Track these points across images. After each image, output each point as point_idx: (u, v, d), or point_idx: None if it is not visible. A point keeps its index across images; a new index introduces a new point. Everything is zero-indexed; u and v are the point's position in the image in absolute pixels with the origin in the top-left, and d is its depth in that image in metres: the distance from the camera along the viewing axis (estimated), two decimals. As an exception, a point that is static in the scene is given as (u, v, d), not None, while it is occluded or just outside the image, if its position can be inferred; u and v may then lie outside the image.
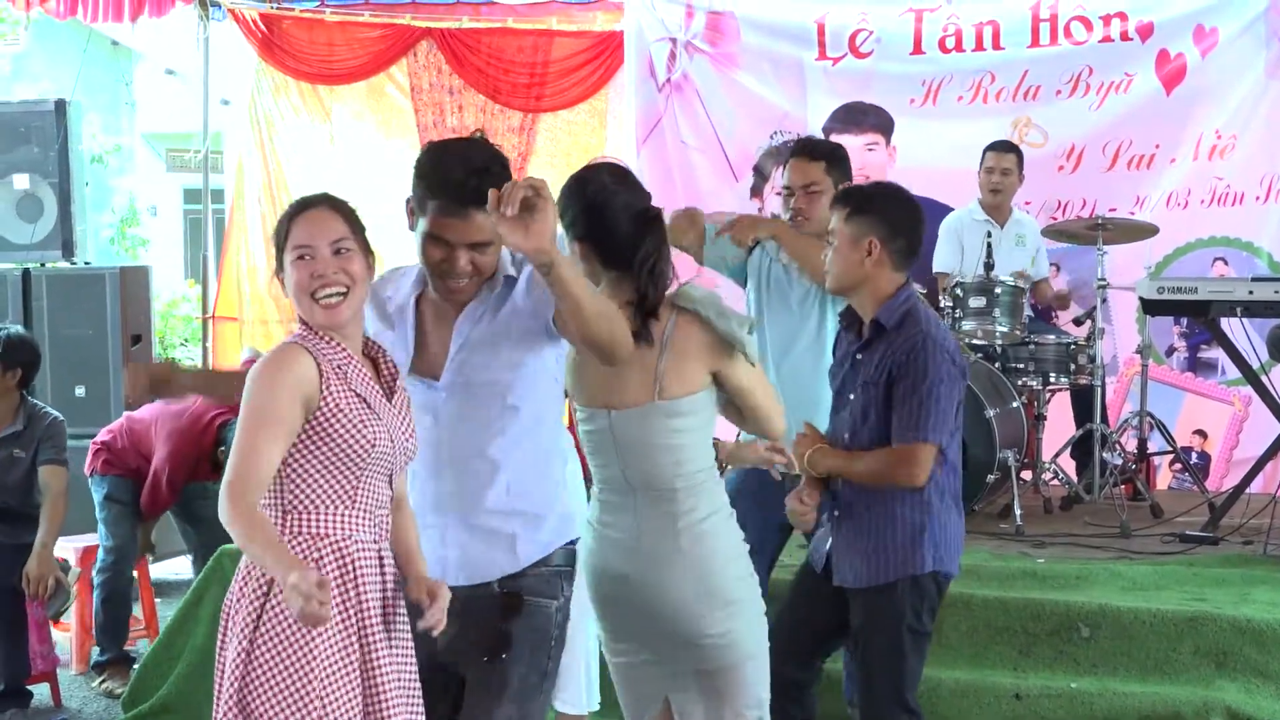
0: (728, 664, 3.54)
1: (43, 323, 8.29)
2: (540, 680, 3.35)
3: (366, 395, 3.13)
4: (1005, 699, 5.13)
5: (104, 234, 16.33)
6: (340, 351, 3.14)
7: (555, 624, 3.38)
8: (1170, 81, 8.55)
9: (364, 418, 3.09)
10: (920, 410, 3.95)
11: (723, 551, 3.55)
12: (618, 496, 3.54)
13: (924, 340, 4.01)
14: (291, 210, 3.21)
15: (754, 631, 3.59)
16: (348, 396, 3.09)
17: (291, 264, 3.14)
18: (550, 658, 3.37)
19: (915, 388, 3.95)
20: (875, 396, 4.03)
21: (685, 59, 9.46)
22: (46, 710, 6.28)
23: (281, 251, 3.16)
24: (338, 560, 3.07)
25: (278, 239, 3.18)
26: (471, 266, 3.24)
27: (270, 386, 3.04)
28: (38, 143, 8.60)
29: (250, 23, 10.05)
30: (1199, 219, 8.51)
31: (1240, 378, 7.15)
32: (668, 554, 3.48)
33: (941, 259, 7.89)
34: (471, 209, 3.15)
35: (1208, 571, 5.80)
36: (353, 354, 3.17)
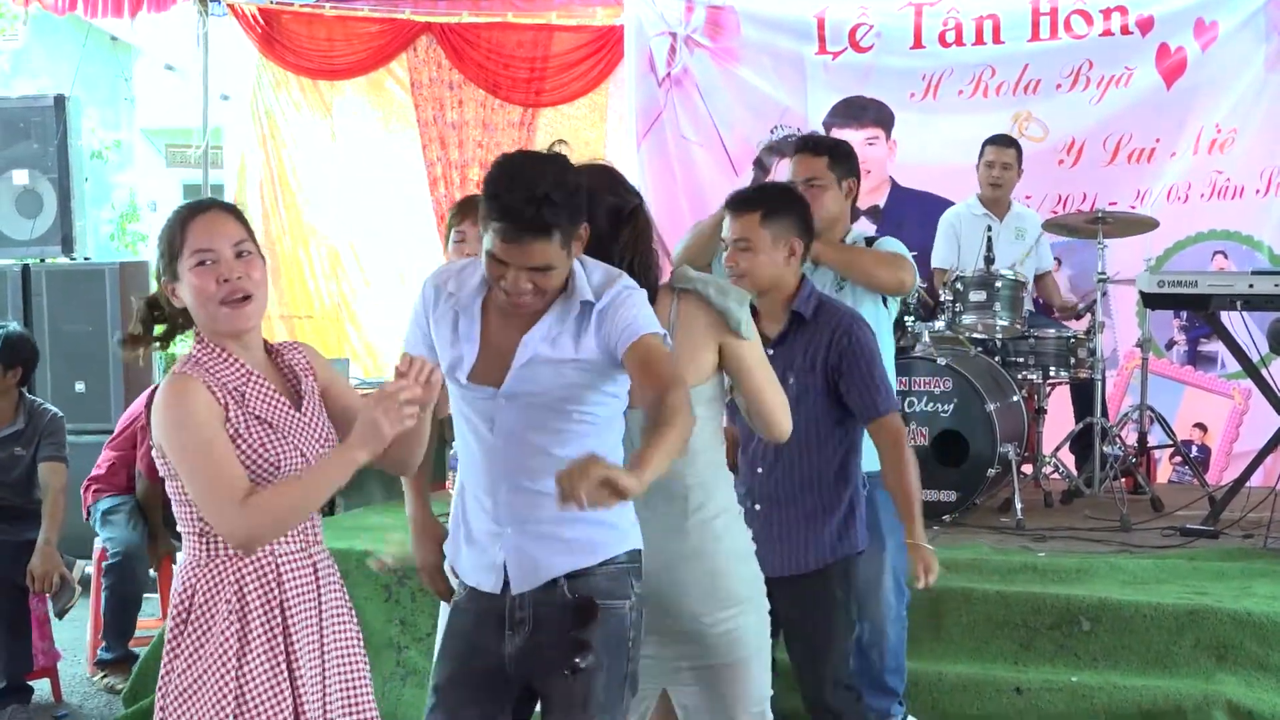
0: (731, 661, 3.54)
1: (42, 319, 8.30)
2: (622, 685, 3.23)
3: (267, 415, 3.02)
4: (1006, 693, 5.14)
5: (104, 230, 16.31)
6: (236, 369, 3.03)
7: (631, 624, 3.24)
8: (1170, 75, 8.54)
9: (264, 441, 2.99)
10: (884, 383, 4.19)
11: (732, 551, 3.56)
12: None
13: (855, 321, 4.20)
14: (183, 214, 3.08)
15: (758, 630, 3.59)
16: (247, 422, 2.98)
17: (191, 270, 3.01)
18: (630, 659, 3.24)
19: (871, 365, 4.14)
20: (813, 384, 4.14)
21: (685, 53, 9.45)
22: (47, 706, 6.28)
23: (175, 259, 3.03)
24: (259, 577, 3.00)
25: (170, 246, 3.04)
26: (532, 286, 3.11)
27: (185, 419, 2.93)
28: (37, 138, 8.61)
29: (249, 18, 10.03)
30: (1199, 213, 8.50)
31: (1240, 371, 7.15)
32: (677, 551, 3.46)
33: (939, 255, 7.89)
34: (528, 238, 3.05)
35: (1208, 565, 5.80)
36: (251, 368, 3.05)
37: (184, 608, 2.99)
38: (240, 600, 2.97)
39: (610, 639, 3.19)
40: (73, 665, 6.78)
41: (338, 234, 10.40)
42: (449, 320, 3.28)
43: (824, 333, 4.14)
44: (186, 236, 3.02)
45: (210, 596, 2.97)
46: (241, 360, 3.04)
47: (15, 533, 6.22)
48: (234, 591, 2.97)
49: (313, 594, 3.09)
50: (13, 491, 6.32)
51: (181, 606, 2.99)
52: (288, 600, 3.02)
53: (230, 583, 2.98)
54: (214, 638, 2.95)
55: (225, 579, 2.98)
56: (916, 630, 5.23)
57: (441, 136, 10.19)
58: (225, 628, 2.95)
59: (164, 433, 2.95)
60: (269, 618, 2.99)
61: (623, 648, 3.22)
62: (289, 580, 3.04)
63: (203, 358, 3.02)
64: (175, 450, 2.94)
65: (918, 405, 6.57)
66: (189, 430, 2.92)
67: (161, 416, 2.96)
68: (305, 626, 3.06)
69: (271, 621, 2.99)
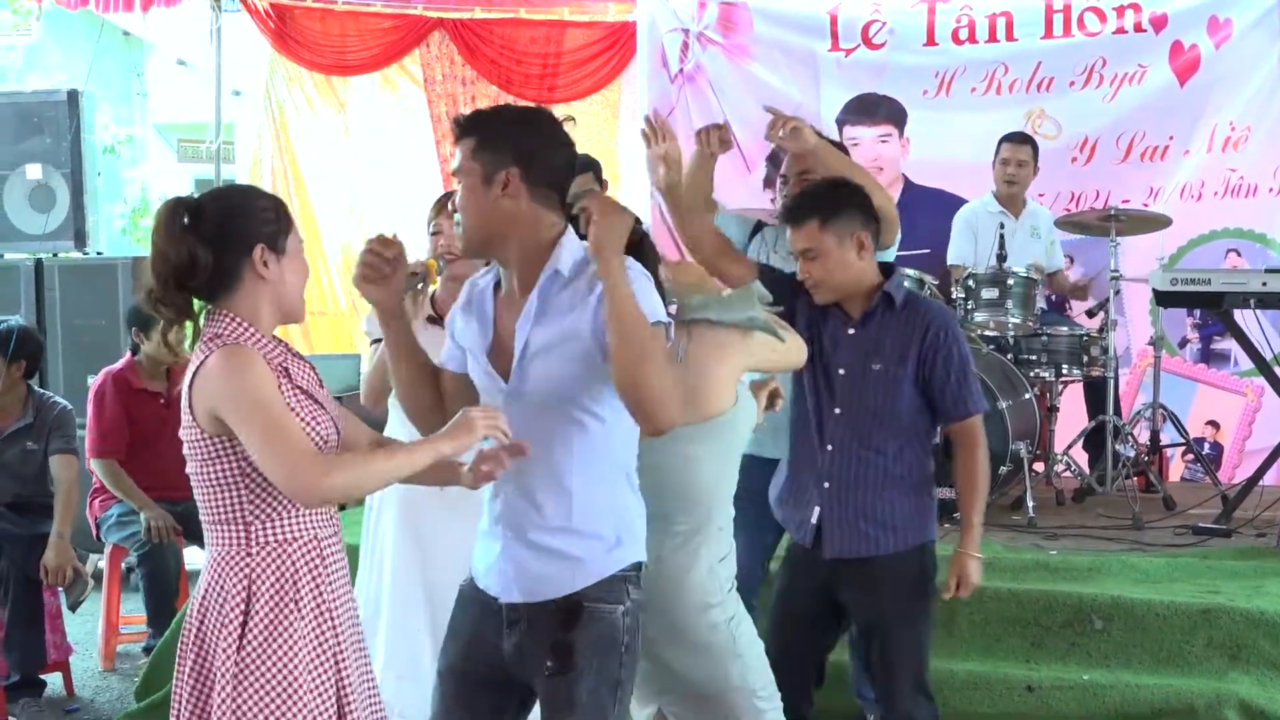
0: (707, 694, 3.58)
1: (55, 312, 8.32)
2: (613, 691, 3.17)
3: (310, 389, 3.05)
4: (1017, 691, 5.13)
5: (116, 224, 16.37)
6: (274, 346, 3.04)
7: (624, 630, 3.17)
8: (1184, 73, 8.52)
9: (315, 414, 3.00)
10: (976, 385, 4.16)
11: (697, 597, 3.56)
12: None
13: (952, 319, 4.17)
14: (278, 199, 3.14)
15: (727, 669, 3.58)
16: (296, 395, 2.99)
17: (300, 253, 3.09)
18: (622, 665, 3.18)
19: (965, 365, 4.10)
20: (900, 372, 4.08)
21: (698, 50, 9.45)
22: (59, 700, 6.29)
23: (283, 234, 3.04)
24: (310, 562, 3.00)
25: (279, 219, 3.05)
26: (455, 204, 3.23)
27: (254, 385, 2.89)
28: (50, 133, 8.62)
29: (262, 13, 10.04)
30: (1212, 211, 8.49)
31: (1253, 369, 7.13)
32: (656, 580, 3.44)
33: (956, 251, 7.87)
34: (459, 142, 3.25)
35: (1221, 564, 5.79)
36: (280, 343, 3.07)
37: (241, 600, 2.94)
38: (294, 587, 2.97)
39: (598, 643, 3.15)
40: (84, 659, 6.78)
41: (350, 229, 10.40)
42: (472, 312, 3.30)
43: (918, 324, 4.07)
44: (291, 220, 3.08)
45: (278, 589, 2.95)
46: (269, 338, 3.05)
47: (29, 526, 6.24)
48: (289, 580, 2.97)
49: (345, 577, 3.12)
50: (26, 485, 6.35)
51: (238, 600, 2.95)
52: (334, 583, 3.04)
53: (287, 570, 2.97)
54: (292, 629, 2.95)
55: (282, 568, 2.97)
56: (928, 628, 5.22)
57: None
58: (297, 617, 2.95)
59: (231, 399, 2.88)
60: (319, 602, 3.00)
61: (613, 652, 3.16)
62: (333, 561, 3.07)
63: (240, 335, 2.98)
64: (245, 414, 2.87)
65: (930, 402, 6.54)
66: (259, 392, 2.88)
67: (227, 385, 2.89)
68: (348, 612, 3.08)
69: (321, 606, 3.00)
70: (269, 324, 3.05)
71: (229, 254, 2.98)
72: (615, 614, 3.16)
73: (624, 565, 3.19)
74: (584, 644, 3.13)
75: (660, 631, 3.46)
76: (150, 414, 6.58)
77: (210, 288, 3.00)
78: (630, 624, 3.19)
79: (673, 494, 3.51)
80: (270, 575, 2.96)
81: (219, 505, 2.98)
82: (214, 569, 3.01)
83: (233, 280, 3.00)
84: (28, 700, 6.09)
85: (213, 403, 2.90)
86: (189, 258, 2.95)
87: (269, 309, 3.04)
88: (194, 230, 2.96)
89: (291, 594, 2.96)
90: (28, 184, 8.60)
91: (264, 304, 3.03)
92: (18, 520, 6.28)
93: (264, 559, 2.97)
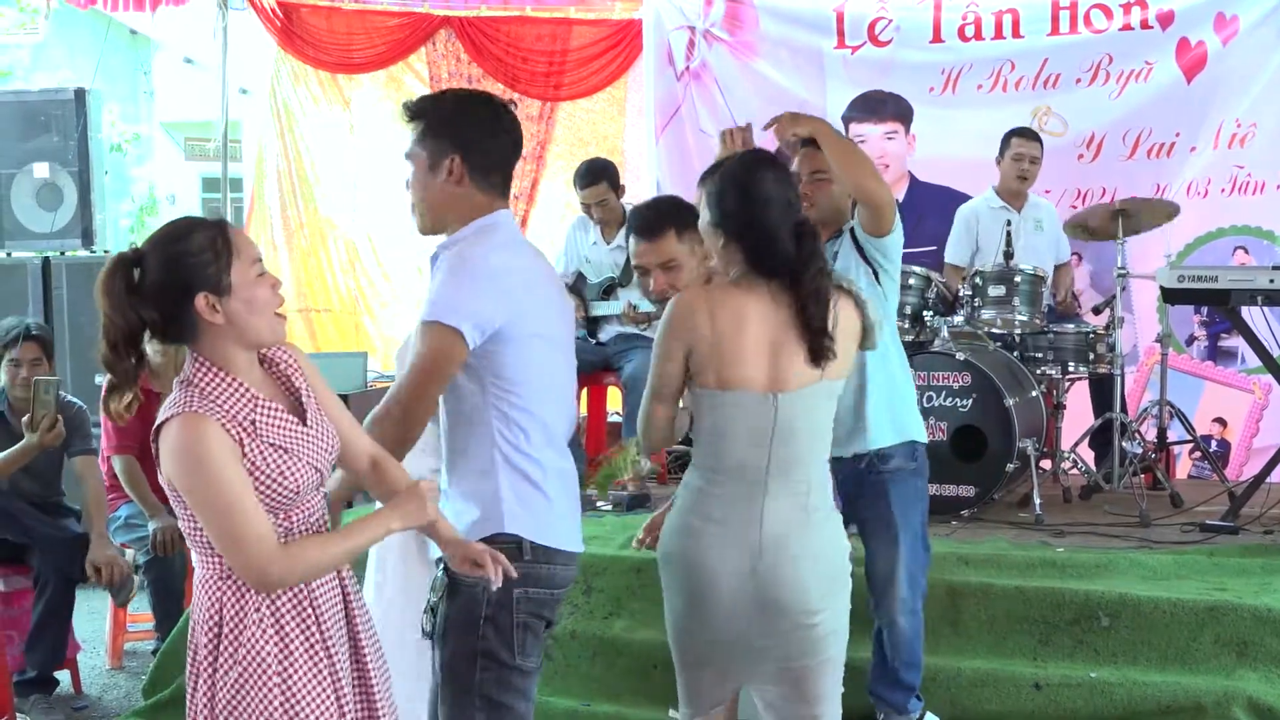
0: (823, 659, 3.54)
1: (62, 311, 8.33)
2: (471, 661, 3.32)
3: (280, 440, 2.96)
4: (1025, 688, 5.14)
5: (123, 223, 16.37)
6: (242, 396, 2.94)
7: (488, 604, 3.29)
8: (1191, 70, 8.52)
9: (281, 468, 2.94)
10: None
11: (842, 541, 3.60)
12: (742, 486, 3.46)
13: None
14: (212, 227, 2.95)
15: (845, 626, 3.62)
16: (262, 452, 2.91)
17: (254, 280, 2.95)
18: (483, 637, 3.32)
19: None
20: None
21: (704, 47, 9.45)
22: (68, 698, 6.30)
23: (226, 271, 2.90)
24: (292, 594, 2.98)
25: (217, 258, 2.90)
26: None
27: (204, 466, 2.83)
28: (58, 132, 8.63)
29: (268, 11, 10.06)
30: (1219, 208, 8.49)
31: (1260, 366, 7.12)
32: (799, 544, 3.45)
33: (953, 250, 7.88)
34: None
35: (1228, 561, 5.78)
36: (255, 391, 2.97)
37: (214, 623, 2.95)
38: (273, 609, 2.96)
39: (458, 615, 3.33)
40: (92, 657, 6.80)
41: (355, 227, 10.43)
42: None
43: None
44: (237, 245, 2.94)
45: (239, 610, 2.94)
46: (244, 383, 2.96)
47: (60, 527, 6.31)
48: (265, 602, 2.95)
49: (337, 595, 3.09)
50: (45, 485, 6.40)
51: (211, 623, 2.95)
52: (318, 601, 3.02)
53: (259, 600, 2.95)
54: (251, 650, 2.93)
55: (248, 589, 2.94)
56: (935, 625, 5.23)
57: (460, 130, 10.18)
58: (261, 639, 2.93)
59: (181, 479, 2.86)
60: (304, 622, 2.98)
61: (472, 626, 3.31)
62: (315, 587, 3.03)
63: (206, 388, 2.92)
64: (195, 498, 2.85)
65: (936, 400, 6.55)
66: (209, 479, 2.83)
67: (177, 462, 2.86)
68: (337, 627, 3.06)
69: (308, 625, 2.98)
70: (242, 359, 2.98)
71: (174, 308, 2.91)
72: (476, 589, 3.28)
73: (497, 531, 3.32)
74: (449, 615, 3.35)
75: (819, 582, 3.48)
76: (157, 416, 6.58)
77: (171, 339, 2.96)
78: (498, 597, 3.27)
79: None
80: (238, 597, 2.94)
81: (194, 534, 2.96)
82: (197, 587, 3.02)
83: (188, 330, 2.93)
84: (38, 697, 6.11)
85: (169, 474, 2.89)
86: (137, 320, 2.91)
87: (233, 347, 2.96)
88: (135, 291, 2.90)
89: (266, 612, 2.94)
90: (35, 183, 8.61)
91: (227, 344, 2.95)
92: (50, 522, 6.32)
93: (234, 583, 2.95)
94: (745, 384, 3.42)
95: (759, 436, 3.43)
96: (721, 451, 3.47)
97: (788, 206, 3.49)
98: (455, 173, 3.36)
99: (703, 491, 3.50)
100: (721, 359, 3.41)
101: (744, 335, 3.41)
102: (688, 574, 3.48)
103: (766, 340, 3.42)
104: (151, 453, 2.96)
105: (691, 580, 3.47)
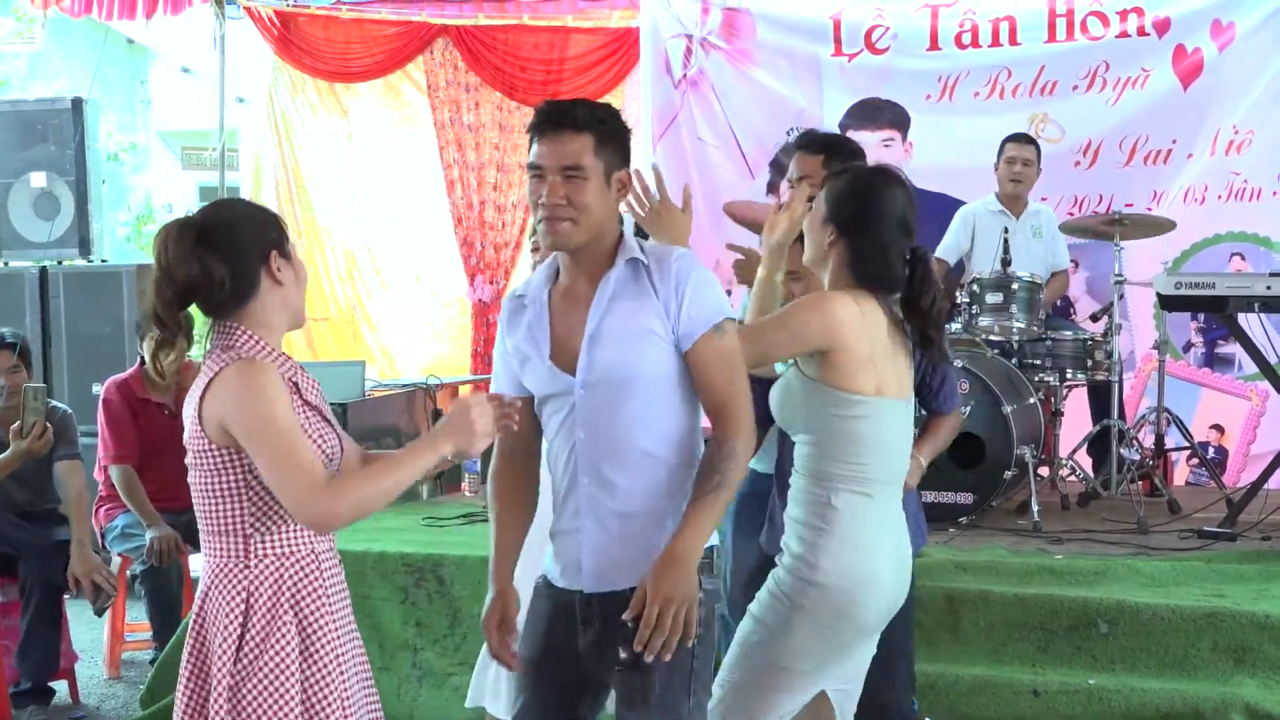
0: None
1: (59, 320, 8.34)
2: (686, 682, 3.18)
3: (317, 402, 3.06)
4: (1023, 695, 5.14)
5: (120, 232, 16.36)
6: (287, 362, 3.04)
7: (697, 621, 3.15)
8: (1187, 77, 8.52)
9: (323, 431, 3.03)
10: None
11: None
12: (892, 497, 3.54)
13: None
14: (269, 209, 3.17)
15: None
16: (305, 412, 3.00)
17: (297, 258, 3.11)
18: (695, 656, 3.18)
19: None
20: None
21: (701, 55, 9.45)
22: (65, 708, 6.29)
23: (284, 238, 3.07)
24: (308, 575, 3.00)
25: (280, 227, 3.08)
26: (566, 198, 3.16)
27: (269, 403, 2.88)
28: (55, 141, 8.64)
29: (266, 20, 10.06)
30: (1216, 214, 8.48)
31: (1258, 373, 7.14)
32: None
33: (944, 246, 7.84)
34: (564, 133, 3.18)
35: (1226, 567, 5.78)
36: (289, 358, 3.07)
37: (239, 614, 2.95)
38: (294, 598, 2.97)
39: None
40: (90, 667, 6.79)
41: (353, 236, 10.43)
42: (522, 320, 3.33)
43: None
44: (284, 225, 3.09)
45: (272, 602, 2.96)
46: (279, 351, 3.05)
47: (45, 535, 6.27)
48: (288, 593, 2.97)
49: (344, 587, 3.12)
50: (34, 492, 6.37)
51: (235, 614, 2.95)
52: (332, 596, 3.04)
53: (285, 583, 2.97)
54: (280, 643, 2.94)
55: (279, 581, 2.97)
56: (933, 632, 5.23)
57: (458, 139, 10.21)
58: (288, 633, 2.94)
59: (240, 414, 2.88)
60: (322, 613, 3.00)
61: (683, 643, 3.16)
62: (329, 575, 3.06)
63: (249, 351, 2.98)
64: (259, 436, 2.87)
65: (934, 407, 6.54)
66: (274, 414, 2.87)
67: (236, 397, 2.89)
68: (348, 619, 3.09)
69: (325, 617, 3.00)
70: (280, 331, 3.07)
71: (245, 264, 2.99)
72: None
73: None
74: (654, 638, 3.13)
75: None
76: (156, 424, 6.58)
77: (225, 302, 2.99)
78: (704, 615, 3.18)
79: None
80: (268, 588, 2.96)
81: (219, 516, 2.98)
82: (212, 579, 3.02)
83: (249, 290, 3.00)
84: (35, 707, 6.10)
85: (226, 417, 2.90)
86: (203, 274, 2.95)
87: (280, 315, 3.06)
88: (205, 246, 2.95)
89: (290, 606, 2.97)
90: (32, 192, 8.62)
91: (275, 311, 3.05)
92: (33, 529, 6.29)
93: (262, 571, 2.97)
94: (897, 392, 3.49)
95: (905, 445, 3.55)
96: (873, 461, 3.46)
97: (904, 226, 3.53)
98: (625, 186, 3.28)
99: (855, 507, 3.45)
100: (876, 365, 3.44)
101: (890, 344, 3.48)
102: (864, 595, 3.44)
103: (898, 350, 3.51)
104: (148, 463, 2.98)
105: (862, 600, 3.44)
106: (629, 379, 3.16)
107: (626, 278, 3.19)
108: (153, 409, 6.61)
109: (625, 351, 3.16)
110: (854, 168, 3.72)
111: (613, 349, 3.17)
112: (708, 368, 3.16)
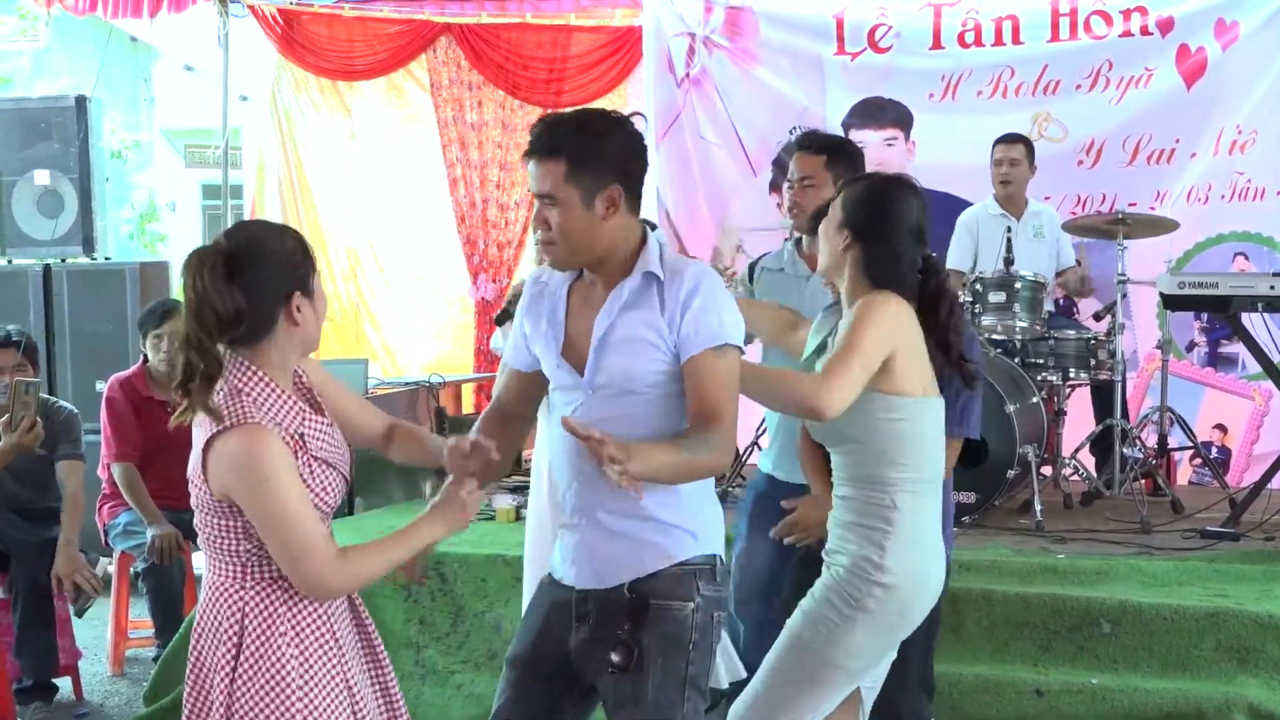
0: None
1: (63, 318, 8.34)
2: (681, 686, 3.18)
3: (325, 454, 3.01)
4: (1026, 695, 5.14)
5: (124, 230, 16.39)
6: (291, 407, 2.98)
7: (693, 626, 3.18)
8: (1191, 76, 8.51)
9: (326, 483, 3.01)
10: None
11: None
12: (939, 494, 3.60)
13: None
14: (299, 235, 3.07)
15: None
16: (310, 466, 2.97)
17: (320, 290, 3.05)
18: (690, 662, 3.18)
19: None
20: None
21: (704, 54, 9.45)
22: (69, 705, 6.30)
23: (310, 275, 3.01)
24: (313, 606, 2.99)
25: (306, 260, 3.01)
26: (546, 223, 3.16)
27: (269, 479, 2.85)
28: (58, 139, 8.64)
29: (269, 18, 10.06)
30: (1219, 214, 8.48)
31: (1261, 372, 7.13)
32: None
33: (953, 256, 7.88)
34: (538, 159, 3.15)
35: (1229, 567, 5.78)
36: (297, 401, 3.00)
37: (234, 633, 2.95)
38: (295, 622, 2.97)
39: (665, 640, 3.17)
40: (94, 664, 6.80)
41: (356, 234, 10.43)
42: (542, 308, 3.34)
43: None
44: (312, 255, 3.04)
45: (266, 621, 2.95)
46: (288, 393, 3.00)
47: (37, 532, 6.25)
48: (285, 612, 2.96)
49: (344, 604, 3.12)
50: (34, 491, 6.36)
51: (230, 632, 2.95)
52: (331, 611, 3.04)
53: (280, 603, 2.96)
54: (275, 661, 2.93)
55: (274, 600, 2.96)
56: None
57: (461, 137, 10.22)
58: (285, 651, 2.94)
59: (244, 492, 2.87)
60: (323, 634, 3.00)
61: (680, 649, 3.18)
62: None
63: (259, 398, 2.94)
64: (258, 510, 2.87)
65: (937, 406, 6.55)
66: (274, 491, 2.86)
67: (239, 474, 2.86)
68: (348, 634, 3.08)
69: (325, 636, 3.00)
70: (292, 365, 3.04)
71: (266, 303, 2.94)
72: (684, 610, 3.18)
73: (692, 555, 3.21)
74: (650, 642, 3.15)
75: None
76: (159, 422, 6.55)
77: (242, 334, 2.94)
78: (700, 621, 3.19)
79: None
80: (264, 607, 2.96)
81: (218, 541, 2.98)
82: (211, 593, 3.02)
83: (264, 327, 2.95)
84: (38, 705, 6.11)
85: (229, 489, 2.88)
86: (233, 310, 2.89)
87: (294, 352, 3.03)
88: (232, 280, 2.89)
89: (289, 624, 2.96)
90: (36, 190, 8.62)
91: (291, 349, 3.01)
92: (26, 527, 6.28)
93: (258, 592, 2.96)
94: (936, 392, 3.55)
95: (944, 444, 3.59)
96: (925, 462, 3.51)
97: (917, 235, 3.59)
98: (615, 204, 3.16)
99: (914, 508, 3.49)
100: (923, 365, 3.50)
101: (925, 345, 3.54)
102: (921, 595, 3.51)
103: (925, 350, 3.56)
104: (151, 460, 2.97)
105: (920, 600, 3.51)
106: (632, 386, 3.17)
107: (640, 289, 3.18)
108: (156, 407, 6.61)
109: (629, 360, 3.17)
110: (871, 175, 3.76)
111: (618, 356, 3.18)
112: (702, 380, 3.12)
